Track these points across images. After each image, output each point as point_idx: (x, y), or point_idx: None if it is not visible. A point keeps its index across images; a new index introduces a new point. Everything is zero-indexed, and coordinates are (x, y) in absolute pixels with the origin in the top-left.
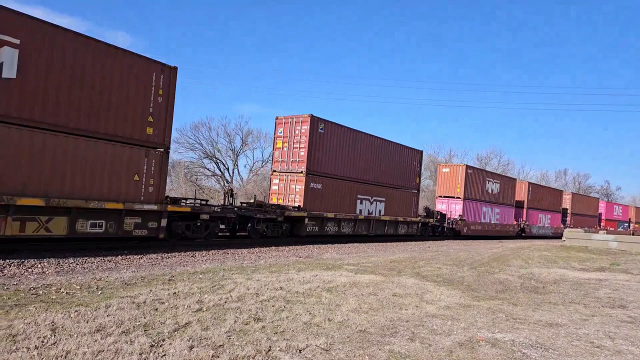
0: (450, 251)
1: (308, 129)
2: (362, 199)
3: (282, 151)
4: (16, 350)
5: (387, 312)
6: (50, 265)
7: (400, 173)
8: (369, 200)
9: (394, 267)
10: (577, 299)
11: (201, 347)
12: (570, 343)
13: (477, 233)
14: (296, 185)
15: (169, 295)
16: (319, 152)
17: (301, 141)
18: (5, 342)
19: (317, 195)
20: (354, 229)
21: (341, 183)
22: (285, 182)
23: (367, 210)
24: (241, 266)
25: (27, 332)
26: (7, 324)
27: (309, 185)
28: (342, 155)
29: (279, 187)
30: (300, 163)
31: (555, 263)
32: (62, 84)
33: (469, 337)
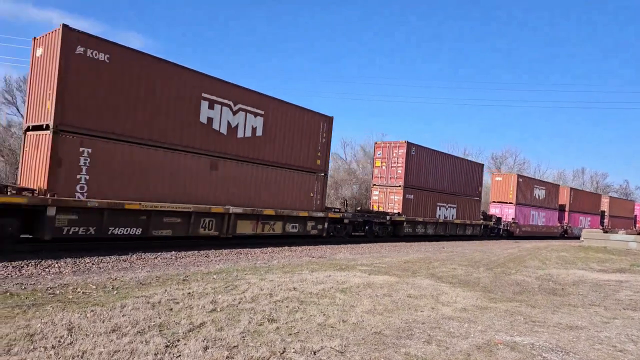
0: (465, 252)
1: (405, 152)
2: (440, 205)
3: (381, 169)
4: (34, 350)
5: (402, 314)
6: (67, 265)
7: (466, 183)
8: (445, 206)
9: (408, 267)
10: (597, 301)
11: (216, 348)
12: (592, 347)
13: (527, 234)
14: (395, 196)
15: (184, 296)
16: (411, 170)
17: (398, 162)
18: (23, 342)
19: (410, 204)
20: (435, 230)
21: (426, 194)
22: (385, 193)
23: (444, 215)
24: (254, 266)
25: (44, 331)
26: (24, 323)
27: (405, 196)
28: (426, 171)
29: (379, 197)
30: (398, 179)
31: (574, 264)
32: (284, 137)
33: (486, 340)
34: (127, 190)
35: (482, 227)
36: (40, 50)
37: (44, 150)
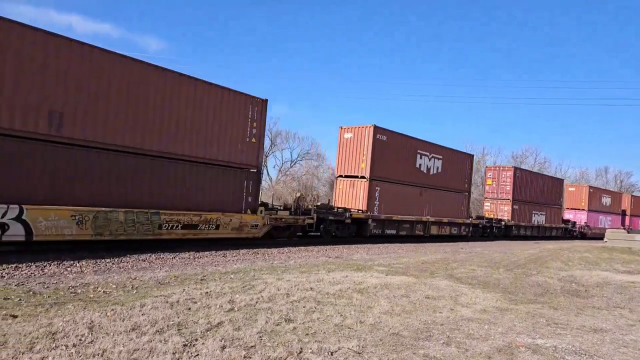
0: (485, 252)
1: (512, 174)
2: (534, 213)
3: (492, 186)
4: (55, 348)
5: (420, 315)
6: (88, 264)
7: (551, 194)
8: (537, 214)
9: (426, 268)
10: (622, 303)
11: (233, 348)
12: (617, 350)
13: (596, 235)
14: (504, 206)
15: (202, 295)
16: (517, 187)
17: (507, 181)
18: (45, 340)
19: (516, 213)
20: (531, 232)
21: (526, 204)
22: (495, 204)
23: (537, 220)
24: (271, 266)
25: (65, 330)
26: (47, 322)
27: (513, 206)
28: (526, 187)
29: (490, 207)
30: (507, 194)
31: (597, 265)
32: (447, 170)
33: (507, 343)
34: (392, 209)
35: (563, 230)
36: (349, 134)
37: (363, 189)
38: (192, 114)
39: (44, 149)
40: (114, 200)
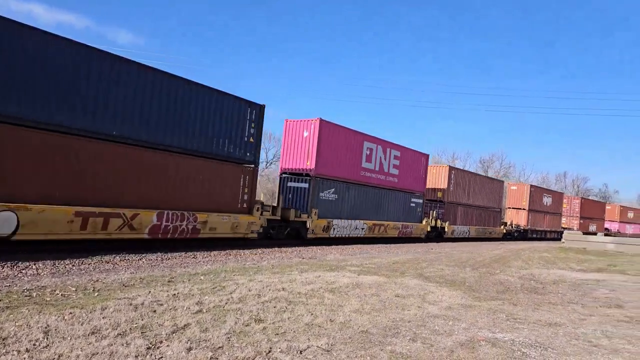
0: (453, 252)
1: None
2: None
3: None
4: (6, 354)
5: (389, 313)
6: (45, 266)
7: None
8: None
9: (397, 268)
10: (575, 299)
11: (200, 349)
12: (569, 342)
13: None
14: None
15: (168, 297)
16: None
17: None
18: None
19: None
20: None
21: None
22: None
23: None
24: (243, 267)
25: (18, 335)
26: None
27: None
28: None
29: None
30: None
31: (555, 264)
32: None
33: (469, 337)
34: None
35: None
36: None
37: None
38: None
39: None
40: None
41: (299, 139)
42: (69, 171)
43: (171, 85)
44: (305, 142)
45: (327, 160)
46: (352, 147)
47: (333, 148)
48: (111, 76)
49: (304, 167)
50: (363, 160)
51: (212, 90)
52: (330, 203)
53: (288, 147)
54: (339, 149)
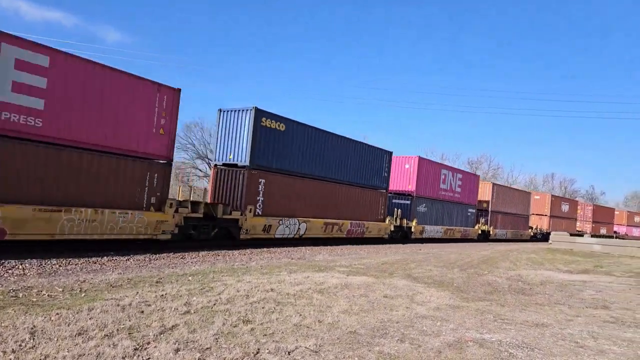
0: (441, 253)
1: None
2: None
3: None
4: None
5: (377, 314)
6: (31, 266)
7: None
8: None
9: (386, 269)
10: (562, 300)
11: (187, 350)
12: (555, 343)
13: None
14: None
15: (156, 298)
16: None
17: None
18: None
19: None
20: None
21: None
22: None
23: None
24: (232, 268)
25: (3, 335)
26: None
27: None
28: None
29: None
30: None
31: (542, 265)
32: None
33: (457, 338)
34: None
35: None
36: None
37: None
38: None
39: None
40: None
41: (402, 170)
42: (321, 200)
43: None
44: (407, 172)
45: (421, 184)
46: (434, 174)
47: (424, 175)
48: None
49: (406, 189)
50: (440, 183)
51: (362, 144)
52: (423, 214)
53: (394, 174)
54: (428, 176)
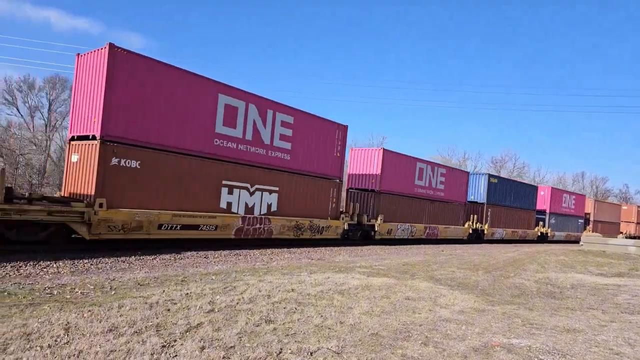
0: (464, 255)
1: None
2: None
3: None
4: (29, 349)
5: (399, 316)
6: (65, 265)
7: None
8: None
9: (407, 270)
10: (595, 304)
11: (212, 348)
12: (589, 349)
13: None
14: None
15: (181, 296)
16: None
17: None
18: (19, 341)
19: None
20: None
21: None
22: None
23: None
24: (253, 268)
25: (40, 331)
26: (21, 322)
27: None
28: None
29: None
30: None
31: (573, 268)
32: None
33: (483, 343)
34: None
35: None
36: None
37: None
38: None
39: None
40: None
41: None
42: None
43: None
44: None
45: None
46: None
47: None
48: None
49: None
50: (416, 178)
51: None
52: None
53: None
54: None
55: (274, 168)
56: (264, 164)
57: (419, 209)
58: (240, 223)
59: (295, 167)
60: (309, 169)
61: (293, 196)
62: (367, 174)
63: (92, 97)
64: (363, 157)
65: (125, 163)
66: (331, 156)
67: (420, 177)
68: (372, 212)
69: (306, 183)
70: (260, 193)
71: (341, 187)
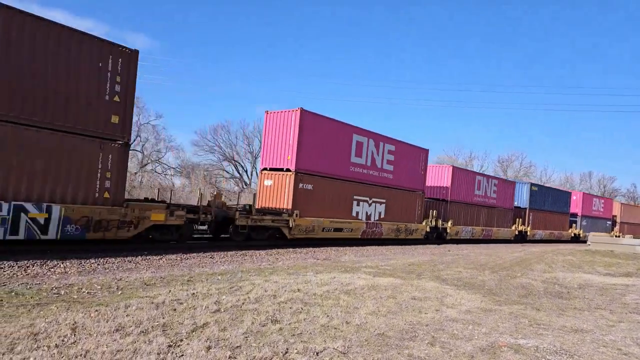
0: (470, 255)
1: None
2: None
3: None
4: (37, 349)
5: (406, 316)
6: (72, 265)
7: None
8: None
9: (413, 270)
10: (603, 304)
11: (218, 348)
12: (597, 350)
13: None
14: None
15: (188, 296)
16: None
17: None
18: (26, 341)
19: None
20: None
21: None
22: None
23: None
24: (259, 268)
25: (48, 330)
26: (29, 322)
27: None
28: None
29: None
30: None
31: (580, 268)
32: None
33: (490, 343)
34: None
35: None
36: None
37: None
38: None
39: None
40: None
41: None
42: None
43: None
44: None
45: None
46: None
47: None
48: None
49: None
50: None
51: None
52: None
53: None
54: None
55: (383, 185)
56: (377, 182)
57: (477, 214)
58: (365, 227)
59: (396, 184)
60: (404, 184)
61: (394, 206)
62: (439, 186)
63: (285, 141)
64: (436, 173)
65: (305, 186)
66: (417, 174)
67: (479, 187)
68: (444, 217)
69: (402, 195)
70: (375, 204)
71: (424, 198)
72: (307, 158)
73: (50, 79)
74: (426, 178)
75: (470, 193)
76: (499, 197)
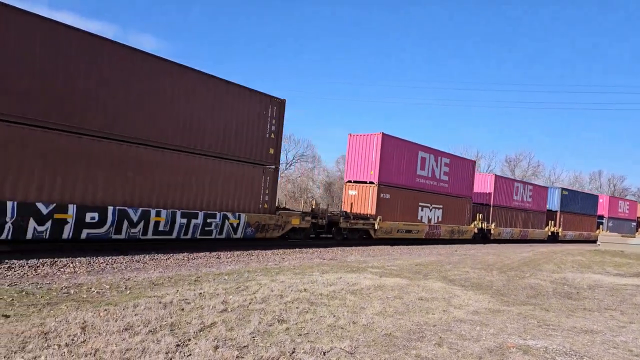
0: (477, 255)
1: None
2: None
3: None
4: (47, 348)
5: (413, 316)
6: (81, 265)
7: None
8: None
9: (420, 270)
10: (613, 305)
11: (226, 348)
12: (607, 351)
13: None
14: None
15: (195, 296)
16: None
17: None
18: (37, 340)
19: None
20: None
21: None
22: None
23: None
24: (265, 268)
25: (58, 330)
26: (39, 321)
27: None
28: None
29: None
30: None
31: (590, 268)
32: None
33: (498, 344)
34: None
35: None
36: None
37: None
38: None
39: None
40: None
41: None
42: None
43: None
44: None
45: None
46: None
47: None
48: None
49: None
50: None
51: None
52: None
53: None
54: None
55: (441, 193)
56: (436, 190)
57: (515, 217)
58: (427, 229)
59: (451, 192)
60: (456, 192)
61: (449, 210)
62: (483, 192)
63: (367, 159)
64: (481, 180)
65: (384, 196)
66: (467, 182)
67: (516, 193)
68: (488, 220)
69: (455, 201)
70: (435, 209)
71: (471, 203)
72: (386, 172)
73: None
74: (473, 185)
75: (510, 198)
76: (533, 201)
